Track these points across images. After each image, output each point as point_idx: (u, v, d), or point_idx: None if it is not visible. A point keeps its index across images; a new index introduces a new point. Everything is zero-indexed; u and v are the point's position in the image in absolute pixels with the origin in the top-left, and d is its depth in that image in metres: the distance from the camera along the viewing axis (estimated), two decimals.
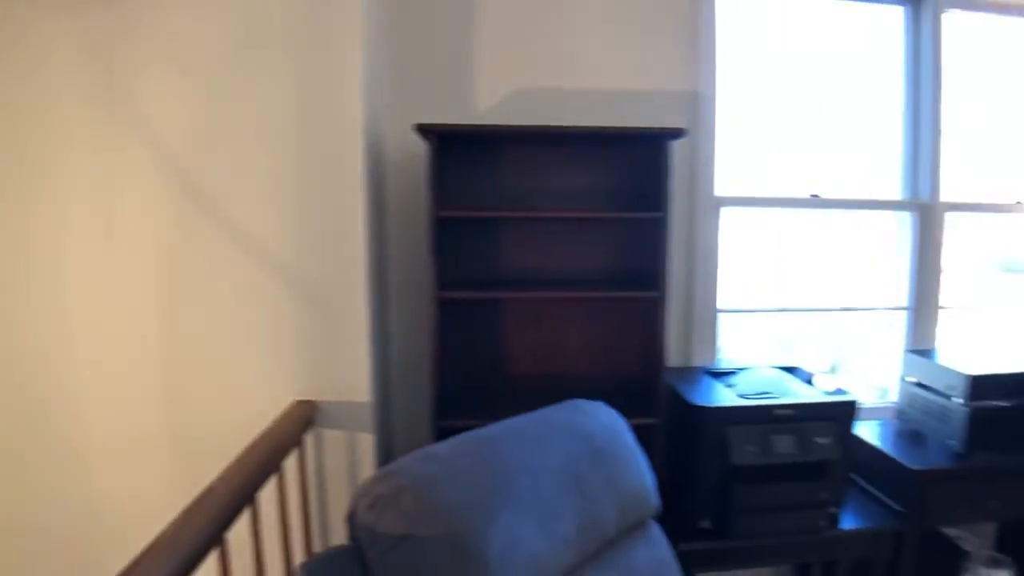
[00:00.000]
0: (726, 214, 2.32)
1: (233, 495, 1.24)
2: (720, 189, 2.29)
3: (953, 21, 2.43)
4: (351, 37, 1.69)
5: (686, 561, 1.68)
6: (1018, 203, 2.56)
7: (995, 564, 2.20)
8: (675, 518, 1.77)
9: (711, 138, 2.24)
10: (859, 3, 2.41)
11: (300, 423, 1.66)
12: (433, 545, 1.09)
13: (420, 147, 1.81)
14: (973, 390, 1.96)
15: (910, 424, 2.21)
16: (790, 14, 2.39)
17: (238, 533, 1.27)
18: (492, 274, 2.10)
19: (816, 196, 2.40)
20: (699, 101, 2.22)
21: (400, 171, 2.10)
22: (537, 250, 2.11)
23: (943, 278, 2.48)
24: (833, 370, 2.58)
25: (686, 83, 2.22)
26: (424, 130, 1.74)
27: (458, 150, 1.99)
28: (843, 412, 1.86)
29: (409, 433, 2.17)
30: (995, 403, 1.98)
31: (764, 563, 2.12)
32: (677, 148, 2.08)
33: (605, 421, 1.51)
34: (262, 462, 1.40)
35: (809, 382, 2.03)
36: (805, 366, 2.18)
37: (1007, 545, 2.31)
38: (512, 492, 1.20)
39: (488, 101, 2.13)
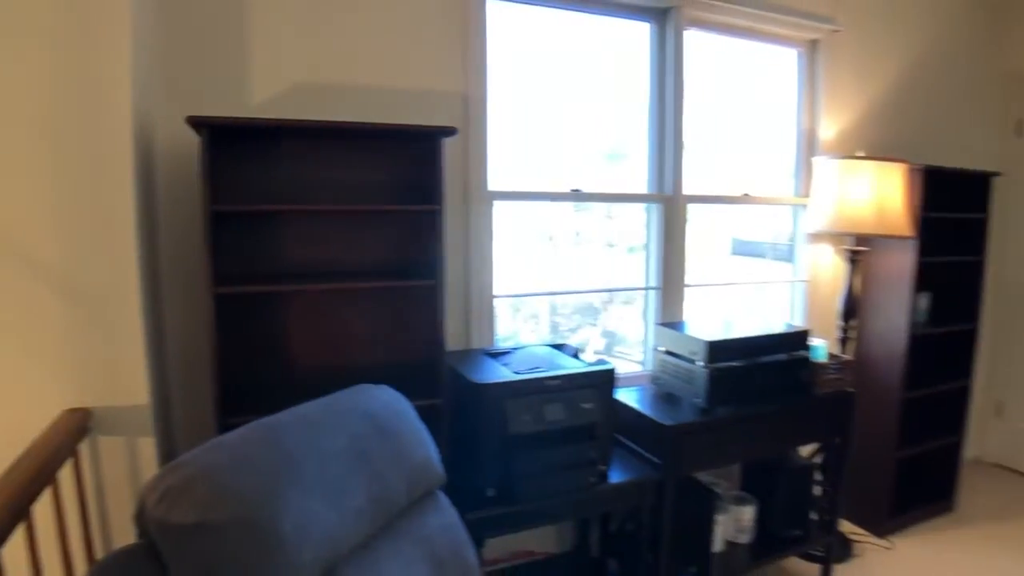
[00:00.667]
0: (499, 207, 2.49)
1: (2, 511, 1.17)
2: (493, 184, 2.46)
3: (694, 38, 2.81)
4: (119, 26, 1.62)
5: (476, 529, 1.78)
6: (745, 195, 3.01)
7: (741, 502, 2.58)
8: (462, 492, 1.86)
9: (483, 136, 2.40)
10: (614, 19, 2.70)
11: (73, 432, 1.55)
12: (228, 530, 1.09)
13: (196, 140, 1.76)
14: (711, 354, 2.27)
15: (663, 387, 2.51)
16: (557, 25, 2.63)
17: (13, 551, 1.18)
18: (274, 268, 2.08)
19: (577, 191, 2.65)
20: (472, 101, 2.37)
21: (176, 165, 2.01)
22: (319, 243, 2.13)
23: (686, 260, 2.86)
24: (598, 346, 2.87)
25: (460, 84, 2.35)
26: (196, 123, 1.70)
27: (237, 144, 1.96)
28: (603, 380, 2.10)
29: (193, 434, 2.08)
30: (730, 364, 2.31)
31: (547, 522, 2.31)
32: (452, 144, 2.20)
33: (389, 401, 1.58)
34: (31, 476, 1.31)
35: (576, 356, 2.26)
36: (572, 343, 2.41)
37: (750, 485, 2.70)
38: (301, 472, 1.23)
39: (266, 94, 2.10)
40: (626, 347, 2.95)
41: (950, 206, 3.11)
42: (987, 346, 3.86)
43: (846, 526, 3.08)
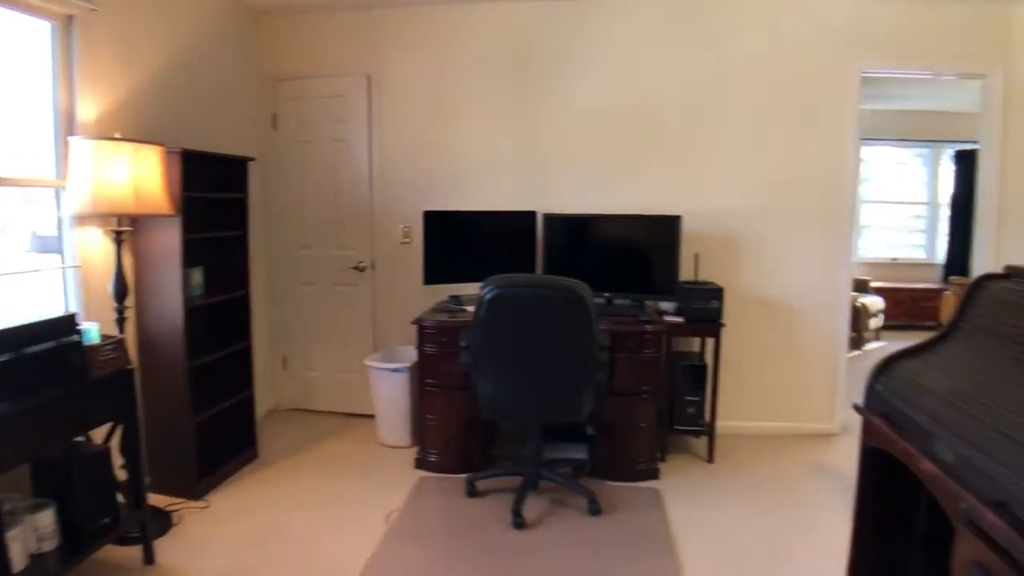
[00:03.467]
0: None
1: None
2: None
3: None
4: None
5: None
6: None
7: (36, 508, 2.32)
8: None
9: None
10: None
11: None
12: None
13: None
14: None
15: None
16: None
17: None
18: None
19: None
20: None
21: None
22: None
23: None
24: None
25: None
26: None
27: None
28: None
29: None
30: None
31: None
32: None
33: None
34: None
35: None
36: None
37: (44, 487, 2.46)
38: None
39: None
40: None
41: (215, 187, 3.46)
42: (267, 310, 4.49)
43: (160, 499, 3.14)
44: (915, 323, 8.03)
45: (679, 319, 3.68)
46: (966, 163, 8.08)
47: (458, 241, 3.90)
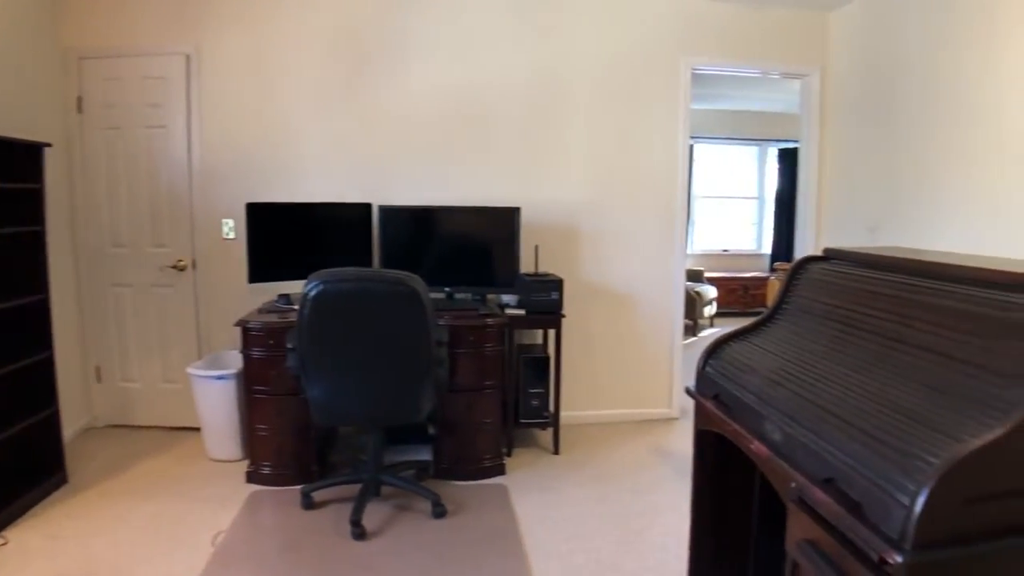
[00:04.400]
0: None
1: None
2: None
3: None
4: None
5: None
6: None
7: None
8: None
9: None
10: None
11: None
12: None
13: None
14: None
15: None
16: None
17: None
18: None
19: None
20: None
21: None
22: None
23: None
24: None
25: None
26: None
27: None
28: None
29: None
30: None
31: None
32: None
33: None
34: None
35: None
36: None
37: None
38: None
39: None
40: None
41: (1, 176, 3.00)
42: (75, 316, 4.00)
43: None
44: (747, 310, 8.64)
45: (520, 312, 3.67)
46: (788, 161, 8.79)
47: (286, 236, 3.66)
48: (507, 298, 3.89)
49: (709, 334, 7.45)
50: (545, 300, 3.65)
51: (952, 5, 3.42)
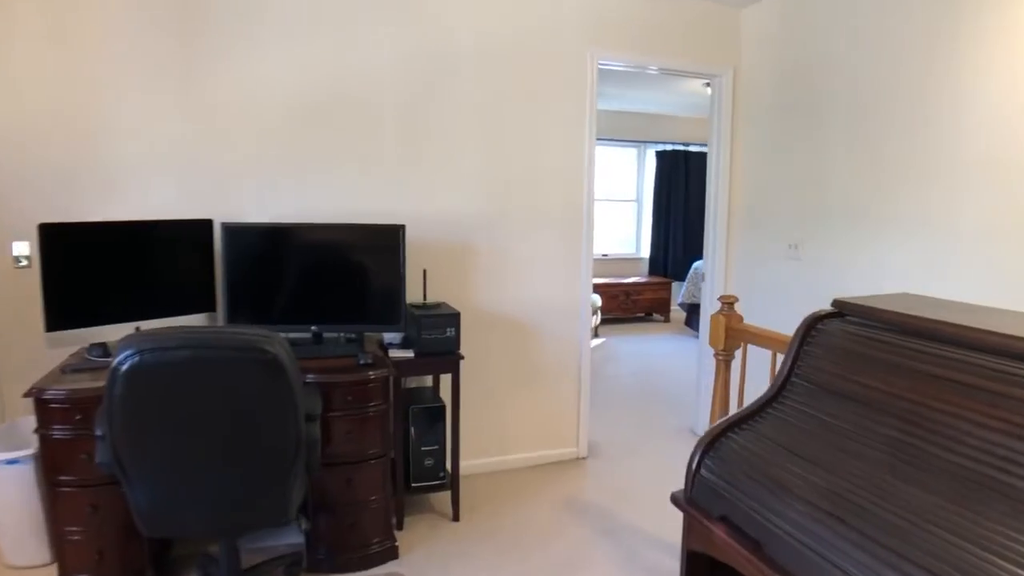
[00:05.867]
0: None
1: None
2: None
3: None
4: None
5: None
6: None
7: None
8: None
9: None
10: None
11: None
12: None
13: None
14: None
15: None
16: None
17: None
18: None
19: None
20: None
21: None
22: None
23: None
24: None
25: None
26: None
27: None
28: None
29: None
30: None
31: None
32: None
33: None
34: None
35: None
36: None
37: None
38: None
39: None
40: None
41: None
42: None
43: None
44: (628, 316, 8.39)
45: (408, 353, 2.97)
46: (665, 162, 8.63)
47: (99, 265, 2.69)
48: (390, 336, 3.17)
49: (597, 344, 7.07)
50: (439, 339, 2.97)
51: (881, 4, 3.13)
